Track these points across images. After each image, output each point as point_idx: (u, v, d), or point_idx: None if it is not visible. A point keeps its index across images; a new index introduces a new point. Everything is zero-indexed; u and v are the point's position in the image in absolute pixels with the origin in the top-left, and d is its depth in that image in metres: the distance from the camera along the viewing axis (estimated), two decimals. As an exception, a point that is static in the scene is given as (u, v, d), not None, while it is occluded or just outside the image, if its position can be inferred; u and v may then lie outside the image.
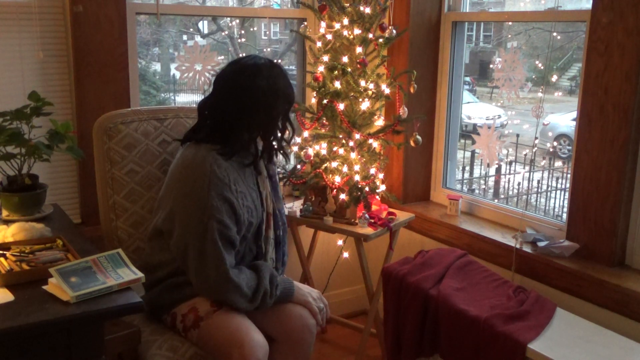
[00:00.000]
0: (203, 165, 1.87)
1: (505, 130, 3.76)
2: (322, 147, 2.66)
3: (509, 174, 4.35)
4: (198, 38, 3.55)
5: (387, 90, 2.64)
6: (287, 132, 2.07)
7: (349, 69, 2.58)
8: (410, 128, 2.65)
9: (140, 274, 1.59)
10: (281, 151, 2.11)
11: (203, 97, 2.06)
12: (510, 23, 3.08)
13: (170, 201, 1.93)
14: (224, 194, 1.85)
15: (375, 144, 2.69)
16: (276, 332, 1.99)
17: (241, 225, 1.90)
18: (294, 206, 2.79)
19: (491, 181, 4.45)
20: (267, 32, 3.84)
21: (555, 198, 4.31)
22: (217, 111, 1.98)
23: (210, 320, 1.87)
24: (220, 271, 1.82)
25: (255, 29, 3.60)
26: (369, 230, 2.59)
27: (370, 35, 2.61)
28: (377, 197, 2.80)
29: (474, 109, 4.46)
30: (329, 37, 2.61)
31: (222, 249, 1.83)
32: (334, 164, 2.65)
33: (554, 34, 2.47)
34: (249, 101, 1.93)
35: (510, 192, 4.21)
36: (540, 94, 2.44)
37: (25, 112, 2.03)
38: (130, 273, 1.59)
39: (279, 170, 2.99)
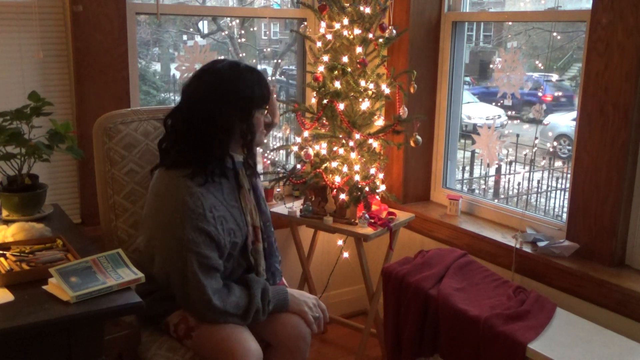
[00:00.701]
0: (176, 197, 1.79)
1: (505, 130, 3.76)
2: (322, 147, 2.66)
3: (509, 174, 4.34)
4: (198, 38, 3.55)
5: (387, 90, 2.64)
6: (248, 135, 1.90)
7: (349, 69, 2.58)
8: (410, 128, 2.65)
9: (140, 274, 1.59)
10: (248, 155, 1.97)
11: (170, 112, 1.95)
12: (510, 23, 3.07)
13: (149, 229, 1.91)
14: (199, 225, 1.77)
15: (375, 144, 2.69)
16: (271, 338, 1.97)
17: (222, 250, 1.84)
18: (294, 206, 2.79)
19: (491, 181, 4.45)
20: (267, 32, 3.84)
21: (555, 198, 4.30)
22: (187, 123, 1.87)
23: (201, 330, 1.85)
24: (203, 300, 1.78)
25: (255, 29, 3.60)
26: (369, 230, 2.59)
27: (370, 35, 2.61)
28: (377, 197, 2.80)
29: (474, 109, 4.45)
30: (329, 37, 2.61)
31: (203, 278, 1.78)
32: (334, 164, 2.65)
33: (554, 34, 2.47)
34: (217, 109, 1.83)
35: (510, 192, 4.21)
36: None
37: (25, 112, 2.03)
38: (130, 273, 1.59)
39: (279, 169, 2.99)
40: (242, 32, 3.46)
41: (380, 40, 2.63)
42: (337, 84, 2.56)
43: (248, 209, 1.96)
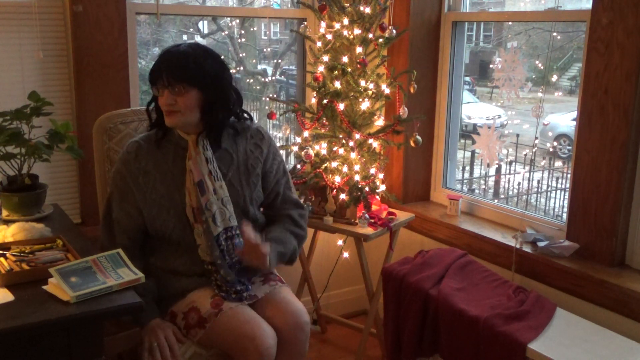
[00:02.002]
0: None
1: (505, 130, 3.76)
2: (322, 147, 2.66)
3: (509, 174, 4.34)
4: (198, 38, 3.55)
5: (387, 90, 2.64)
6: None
7: (349, 69, 2.58)
8: (410, 128, 2.65)
9: (140, 274, 1.59)
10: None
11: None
12: (510, 23, 3.08)
13: None
14: (120, 168, 1.98)
15: (375, 144, 2.69)
16: (271, 325, 1.97)
17: (136, 209, 1.96)
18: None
19: (491, 181, 4.45)
20: (267, 32, 3.85)
21: (555, 198, 4.30)
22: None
23: (216, 322, 1.88)
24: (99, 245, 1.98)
25: (255, 29, 3.60)
26: (369, 230, 2.59)
27: (370, 35, 2.61)
28: (377, 197, 2.80)
29: (474, 109, 4.45)
30: (329, 37, 2.61)
31: (103, 225, 2.01)
32: (334, 164, 2.65)
33: (554, 34, 2.47)
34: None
35: (510, 192, 4.21)
36: (540, 94, 2.44)
37: (25, 112, 2.03)
38: (130, 273, 1.59)
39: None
40: (242, 32, 3.47)
41: (380, 40, 2.63)
42: (337, 84, 2.56)
43: (188, 188, 1.94)
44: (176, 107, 1.88)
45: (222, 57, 2.01)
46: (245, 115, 2.10)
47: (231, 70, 2.02)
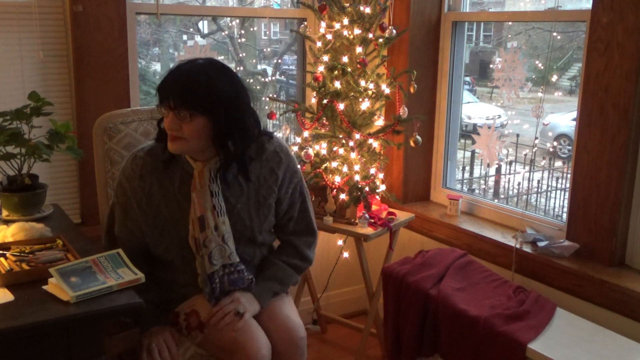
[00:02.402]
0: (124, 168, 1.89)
1: (505, 130, 3.76)
2: (322, 147, 2.66)
3: (509, 174, 4.34)
4: (198, 38, 3.55)
5: (387, 90, 2.64)
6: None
7: (349, 69, 2.58)
8: (410, 128, 2.65)
9: (140, 274, 1.59)
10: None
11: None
12: (510, 23, 3.07)
13: None
14: (123, 182, 1.88)
15: (375, 144, 2.69)
16: (268, 337, 1.93)
17: (137, 226, 1.88)
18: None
19: (491, 181, 4.44)
20: (267, 32, 3.84)
21: (555, 198, 4.30)
22: None
23: (213, 328, 1.86)
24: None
25: (255, 29, 3.60)
26: (369, 230, 2.59)
27: (370, 35, 2.61)
28: (377, 197, 2.80)
29: (474, 109, 4.45)
30: (329, 37, 2.61)
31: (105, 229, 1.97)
32: (334, 164, 2.65)
33: (554, 34, 2.47)
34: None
35: (510, 192, 4.21)
36: (540, 94, 2.44)
37: (25, 112, 2.03)
38: (130, 273, 1.59)
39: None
40: (242, 32, 3.46)
41: (380, 40, 2.63)
42: (337, 84, 2.56)
43: (192, 219, 1.81)
44: (180, 134, 1.71)
45: (220, 59, 1.85)
46: (264, 135, 1.90)
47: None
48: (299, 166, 2.00)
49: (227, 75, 1.76)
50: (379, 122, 2.73)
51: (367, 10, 2.57)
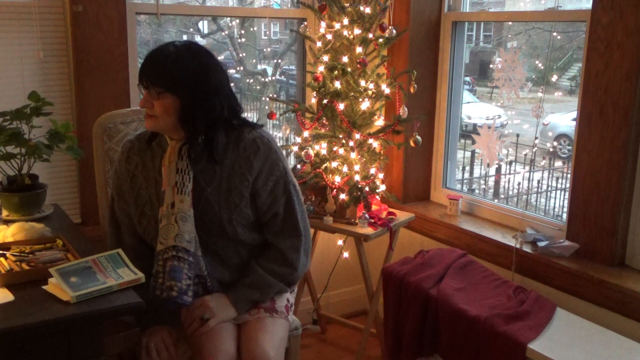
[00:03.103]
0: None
1: (505, 130, 3.76)
2: (322, 147, 2.66)
3: (509, 174, 4.35)
4: (198, 38, 3.55)
5: (387, 90, 2.64)
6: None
7: (349, 69, 2.58)
8: (410, 128, 2.65)
9: (140, 274, 1.59)
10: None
11: None
12: (510, 23, 3.07)
13: None
14: (117, 166, 1.96)
15: (375, 144, 2.69)
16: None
17: (130, 208, 1.92)
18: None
19: (491, 181, 4.45)
20: (267, 32, 3.85)
21: (555, 198, 4.30)
22: None
23: (197, 333, 1.83)
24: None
25: (255, 29, 3.60)
26: (369, 230, 2.59)
27: (370, 35, 2.61)
28: (377, 197, 2.80)
29: (474, 109, 4.45)
30: (329, 37, 2.61)
31: (107, 215, 2.01)
32: (334, 164, 2.65)
33: (554, 34, 2.47)
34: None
35: (510, 192, 4.21)
36: (540, 94, 2.44)
37: (25, 112, 2.03)
38: (130, 273, 1.59)
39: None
40: (242, 32, 3.47)
41: (380, 40, 2.63)
42: (337, 84, 2.56)
43: (163, 193, 1.83)
44: (152, 112, 1.77)
45: (220, 59, 1.87)
46: (248, 123, 1.90)
47: (232, 73, 1.88)
48: (287, 164, 1.94)
49: (200, 57, 1.80)
50: (379, 122, 2.73)
51: (367, 10, 2.57)
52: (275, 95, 3.49)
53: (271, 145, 1.88)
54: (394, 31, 2.65)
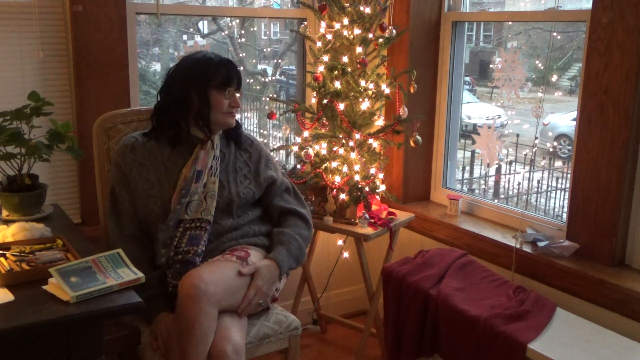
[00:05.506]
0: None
1: (505, 130, 3.76)
2: (322, 147, 2.66)
3: (509, 174, 4.35)
4: (198, 38, 3.55)
5: (387, 90, 2.64)
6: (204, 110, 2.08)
7: (349, 69, 2.58)
8: (410, 128, 2.65)
9: (140, 274, 1.59)
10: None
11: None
12: (510, 23, 3.07)
13: None
14: (118, 160, 2.09)
15: (375, 144, 2.69)
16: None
17: (134, 197, 2.06)
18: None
19: (491, 181, 4.45)
20: (267, 32, 3.85)
21: (555, 198, 4.30)
22: (158, 95, 2.15)
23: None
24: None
25: (255, 29, 3.60)
26: (369, 230, 2.59)
27: (370, 35, 2.61)
28: (377, 197, 2.80)
29: (474, 109, 4.45)
30: (329, 37, 2.61)
31: (109, 214, 2.10)
32: (334, 164, 2.65)
33: (554, 34, 2.47)
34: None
35: (510, 192, 4.21)
36: (540, 94, 2.44)
37: (25, 112, 2.03)
38: (130, 273, 1.59)
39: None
40: (242, 32, 3.47)
41: (380, 40, 2.63)
42: (337, 84, 2.56)
43: (184, 177, 2.05)
44: (237, 109, 2.11)
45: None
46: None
47: None
48: (268, 152, 2.29)
49: None
50: (379, 122, 2.73)
51: (367, 10, 2.57)
52: (275, 95, 3.49)
53: (256, 138, 2.31)
54: (394, 31, 2.65)
